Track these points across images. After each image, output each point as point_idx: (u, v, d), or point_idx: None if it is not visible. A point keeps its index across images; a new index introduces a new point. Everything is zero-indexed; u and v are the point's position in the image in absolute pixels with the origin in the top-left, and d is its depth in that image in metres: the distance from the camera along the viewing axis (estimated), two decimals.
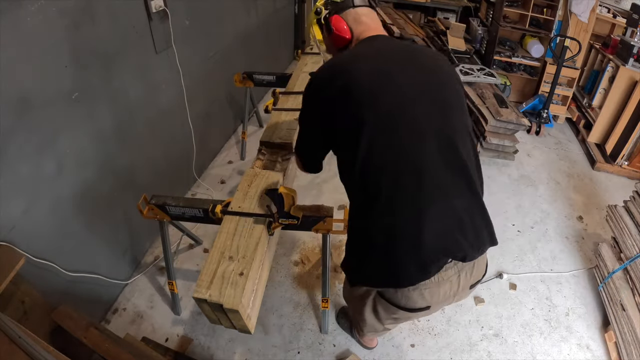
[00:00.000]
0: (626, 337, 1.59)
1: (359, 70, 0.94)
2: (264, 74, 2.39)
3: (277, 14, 3.47)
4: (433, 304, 0.99)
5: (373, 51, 1.00)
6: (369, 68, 0.94)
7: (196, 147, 2.22)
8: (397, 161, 0.90)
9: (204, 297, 1.03)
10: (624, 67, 2.82)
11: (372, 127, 0.90)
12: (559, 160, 3.02)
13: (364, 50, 1.02)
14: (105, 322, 1.66)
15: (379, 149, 0.90)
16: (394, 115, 0.91)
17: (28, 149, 1.20)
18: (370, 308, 1.08)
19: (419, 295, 0.95)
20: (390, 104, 0.91)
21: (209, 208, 1.32)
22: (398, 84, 0.93)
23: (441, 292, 0.96)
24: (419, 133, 0.91)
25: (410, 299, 0.96)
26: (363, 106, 0.90)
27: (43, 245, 1.29)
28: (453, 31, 3.71)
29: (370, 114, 0.90)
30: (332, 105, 0.95)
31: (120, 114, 1.60)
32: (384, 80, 0.93)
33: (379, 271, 0.94)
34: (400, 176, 0.90)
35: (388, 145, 0.90)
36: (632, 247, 1.80)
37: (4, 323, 0.97)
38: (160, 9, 1.70)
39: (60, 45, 1.25)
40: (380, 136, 0.90)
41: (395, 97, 0.92)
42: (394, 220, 0.90)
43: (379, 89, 0.92)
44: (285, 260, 2.00)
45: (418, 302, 0.97)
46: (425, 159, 0.90)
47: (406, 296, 0.96)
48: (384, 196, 0.90)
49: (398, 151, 0.90)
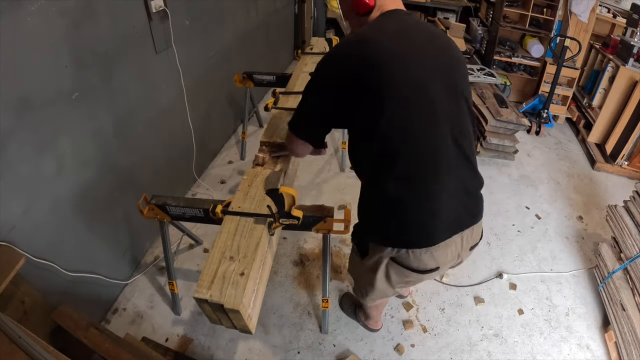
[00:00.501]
0: (626, 337, 1.59)
1: (380, 46, 0.94)
2: (264, 74, 2.39)
3: (277, 14, 3.47)
4: (441, 264, 1.07)
5: (393, 27, 1.00)
6: (389, 43, 0.95)
7: (196, 147, 2.22)
8: (411, 137, 0.95)
9: (205, 297, 1.03)
10: (624, 67, 2.82)
11: (390, 101, 0.92)
12: (559, 160, 3.02)
13: (385, 26, 1.01)
14: (105, 322, 1.66)
15: (396, 122, 0.94)
16: (412, 91, 0.94)
17: (28, 149, 1.20)
18: (382, 275, 1.12)
19: (430, 257, 1.03)
20: (409, 81, 0.94)
21: (209, 208, 1.32)
22: (416, 61, 0.96)
23: (448, 253, 1.05)
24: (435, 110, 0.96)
25: (422, 261, 1.03)
26: (383, 81, 0.92)
27: (43, 245, 1.29)
28: (453, 31, 3.72)
29: (390, 88, 0.92)
30: (352, 80, 0.94)
31: (120, 114, 1.60)
32: (404, 57, 0.95)
33: (398, 234, 1.01)
34: (414, 150, 0.96)
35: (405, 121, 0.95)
36: (632, 247, 1.80)
37: (4, 323, 0.97)
38: (160, 9, 1.70)
39: (60, 45, 1.25)
40: (398, 110, 0.93)
41: (414, 74, 0.95)
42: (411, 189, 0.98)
43: (399, 64, 0.93)
44: (285, 260, 2.00)
45: (429, 264, 1.04)
46: (438, 135, 0.97)
47: (418, 259, 1.02)
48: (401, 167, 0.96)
49: (414, 127, 0.95)
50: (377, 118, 0.94)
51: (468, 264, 2.02)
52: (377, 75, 0.92)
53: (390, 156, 0.96)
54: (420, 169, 0.97)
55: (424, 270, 1.06)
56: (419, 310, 1.80)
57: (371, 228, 1.08)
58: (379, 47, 0.94)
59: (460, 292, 1.91)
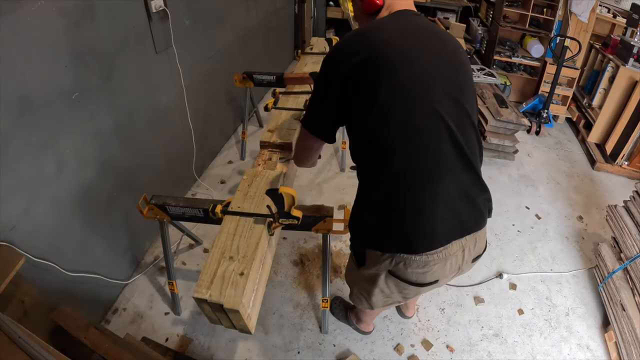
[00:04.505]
0: (626, 337, 1.59)
1: (382, 42, 0.94)
2: (264, 74, 2.39)
3: (277, 14, 3.47)
4: (441, 277, 1.04)
5: (399, 25, 1.00)
6: (392, 41, 0.94)
7: (196, 147, 2.22)
8: (409, 137, 0.93)
9: (205, 297, 1.03)
10: (624, 67, 2.82)
11: (388, 98, 0.91)
12: (559, 160, 3.02)
13: (390, 24, 1.01)
14: (105, 322, 1.66)
15: (393, 120, 0.92)
16: (411, 90, 0.93)
17: (28, 149, 1.20)
18: (379, 289, 1.10)
19: (429, 271, 1.00)
20: (409, 80, 0.92)
21: (209, 208, 1.32)
22: (419, 61, 0.94)
23: (447, 266, 1.01)
24: (435, 111, 0.93)
25: (420, 275, 1.01)
26: (382, 77, 0.91)
27: (43, 245, 1.29)
28: (453, 31, 3.71)
29: (389, 85, 0.91)
30: (351, 74, 0.94)
31: (120, 113, 1.60)
32: (406, 55, 0.93)
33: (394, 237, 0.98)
34: (411, 150, 0.93)
35: (403, 120, 0.93)
36: (632, 247, 1.80)
37: (4, 323, 0.97)
38: (160, 9, 1.70)
39: (60, 45, 1.25)
40: (395, 108, 0.92)
41: (415, 74, 0.93)
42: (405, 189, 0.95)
43: (400, 62, 0.92)
44: (285, 260, 2.00)
45: (428, 278, 1.02)
46: (436, 136, 0.94)
47: (416, 272, 1.00)
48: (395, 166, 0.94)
49: (411, 126, 0.93)
50: (370, 115, 0.93)
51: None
52: (371, 71, 0.91)
53: (383, 155, 0.94)
54: (415, 169, 0.94)
55: (422, 284, 1.04)
56: (419, 310, 1.80)
57: (366, 231, 1.05)
58: (376, 42, 0.94)
59: (460, 292, 1.91)
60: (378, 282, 1.08)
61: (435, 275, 1.02)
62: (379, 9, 1.06)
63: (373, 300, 1.16)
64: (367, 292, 1.15)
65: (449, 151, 0.95)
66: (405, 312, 1.74)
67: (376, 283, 1.09)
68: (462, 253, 1.02)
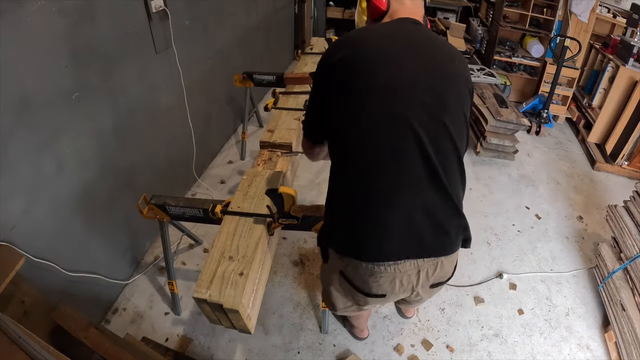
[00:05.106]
0: (626, 337, 1.59)
1: (364, 43, 0.94)
2: (264, 74, 2.39)
3: (277, 14, 3.47)
4: (388, 293, 1.01)
5: (390, 31, 0.99)
6: (374, 43, 0.94)
7: (196, 147, 2.22)
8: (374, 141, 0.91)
9: (204, 297, 1.03)
10: (624, 67, 2.82)
11: (359, 99, 0.91)
12: (559, 160, 3.02)
13: (381, 28, 1.01)
14: (105, 322, 1.66)
15: (358, 123, 0.91)
16: (384, 94, 0.91)
17: (28, 149, 1.20)
18: (335, 288, 1.11)
19: (375, 283, 0.97)
20: (384, 84, 0.90)
21: (209, 208, 1.32)
22: (399, 67, 0.91)
23: (397, 283, 0.98)
24: (405, 120, 0.89)
25: (367, 284, 0.99)
26: (356, 77, 0.91)
27: (43, 245, 1.29)
28: (453, 31, 3.72)
29: (362, 86, 0.91)
30: (331, 75, 0.95)
31: (120, 113, 1.60)
32: (385, 59, 0.92)
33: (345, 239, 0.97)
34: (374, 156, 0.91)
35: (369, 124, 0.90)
36: (632, 247, 1.80)
37: (4, 323, 0.97)
38: (160, 9, 1.70)
39: (60, 45, 1.25)
40: (366, 110, 0.90)
41: (391, 78, 0.90)
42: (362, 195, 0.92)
43: (378, 65, 0.91)
44: (285, 260, 2.00)
45: (374, 289, 0.99)
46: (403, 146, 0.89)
47: (364, 280, 0.98)
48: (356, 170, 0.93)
49: (377, 132, 0.90)
50: (340, 113, 0.93)
51: (468, 264, 2.02)
52: (347, 69, 0.92)
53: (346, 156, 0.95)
54: (376, 176, 0.91)
55: (368, 294, 1.01)
56: (418, 310, 1.80)
57: (325, 228, 1.05)
58: (358, 42, 0.94)
59: (460, 292, 1.91)
60: (334, 282, 1.10)
61: (382, 289, 0.99)
62: (382, 14, 1.06)
63: (333, 300, 1.17)
64: (327, 291, 1.16)
65: (416, 165, 0.90)
66: (405, 313, 1.74)
67: (332, 282, 1.10)
68: (416, 275, 0.97)
